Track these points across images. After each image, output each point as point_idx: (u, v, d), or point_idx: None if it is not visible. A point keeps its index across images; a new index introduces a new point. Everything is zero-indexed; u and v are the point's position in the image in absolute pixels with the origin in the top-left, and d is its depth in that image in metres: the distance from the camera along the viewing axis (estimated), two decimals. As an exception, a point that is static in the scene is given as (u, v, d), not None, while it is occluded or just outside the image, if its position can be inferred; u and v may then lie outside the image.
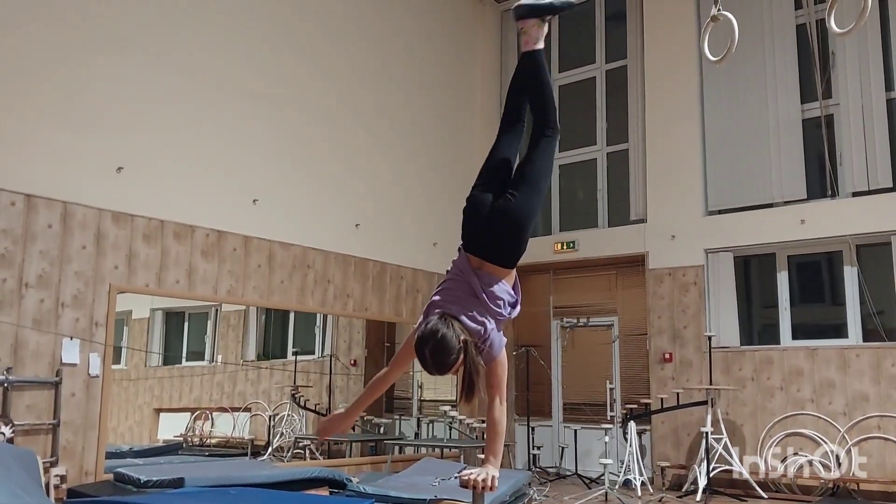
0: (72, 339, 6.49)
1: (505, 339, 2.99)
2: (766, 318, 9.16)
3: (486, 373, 2.85)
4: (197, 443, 8.55)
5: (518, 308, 3.01)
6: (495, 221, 2.91)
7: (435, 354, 2.69)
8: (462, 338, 2.71)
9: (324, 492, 6.54)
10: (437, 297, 2.94)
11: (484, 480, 2.78)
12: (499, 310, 2.91)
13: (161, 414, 8.53)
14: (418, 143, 10.02)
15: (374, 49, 9.56)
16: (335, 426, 3.24)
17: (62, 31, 6.64)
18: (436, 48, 10.56)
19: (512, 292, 2.97)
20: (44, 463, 6.04)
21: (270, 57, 8.35)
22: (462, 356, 2.71)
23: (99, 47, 6.86)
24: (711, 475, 7.95)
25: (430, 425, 9.89)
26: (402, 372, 3.14)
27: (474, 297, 2.87)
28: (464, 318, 2.79)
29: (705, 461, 7.95)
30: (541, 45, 2.89)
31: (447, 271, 3.03)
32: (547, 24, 2.99)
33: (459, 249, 3.02)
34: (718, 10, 3.77)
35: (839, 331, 8.48)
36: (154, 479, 5.83)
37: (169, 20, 7.46)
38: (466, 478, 2.82)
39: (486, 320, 2.85)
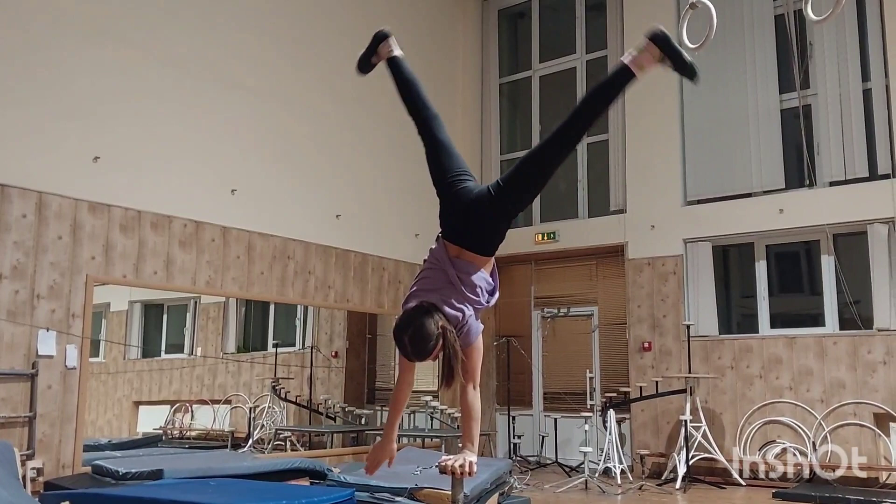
0: (48, 330, 6.42)
1: (482, 326, 2.99)
2: (744, 308, 9.24)
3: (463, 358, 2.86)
4: (177, 435, 8.50)
5: (496, 295, 3.01)
6: (476, 211, 2.88)
7: (414, 341, 2.70)
8: (440, 324, 2.72)
9: (304, 482, 6.52)
10: (415, 287, 2.94)
11: (462, 466, 2.80)
12: (476, 297, 2.91)
13: (140, 407, 8.46)
14: (399, 134, 9.94)
15: (354, 40, 9.43)
16: (381, 456, 3.20)
17: (38, 20, 6.53)
18: (417, 41, 10.49)
19: (490, 280, 2.97)
20: (20, 456, 5.98)
21: (249, 47, 8.27)
22: (440, 342, 2.72)
23: (76, 36, 6.77)
24: (691, 463, 8.02)
25: (412, 415, 9.89)
26: (413, 374, 3.10)
27: (451, 286, 2.86)
28: (442, 306, 2.79)
29: (684, 449, 8.01)
30: (636, 71, 2.76)
31: (424, 260, 3.02)
32: (658, 64, 2.81)
33: (437, 238, 3.00)
34: (697, -3, 3.76)
35: (817, 320, 8.57)
36: (133, 471, 5.78)
37: (147, 9, 7.36)
38: (445, 464, 2.83)
39: (464, 307, 2.86)
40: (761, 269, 8.92)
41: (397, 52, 3.37)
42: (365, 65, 3.57)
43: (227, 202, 7.92)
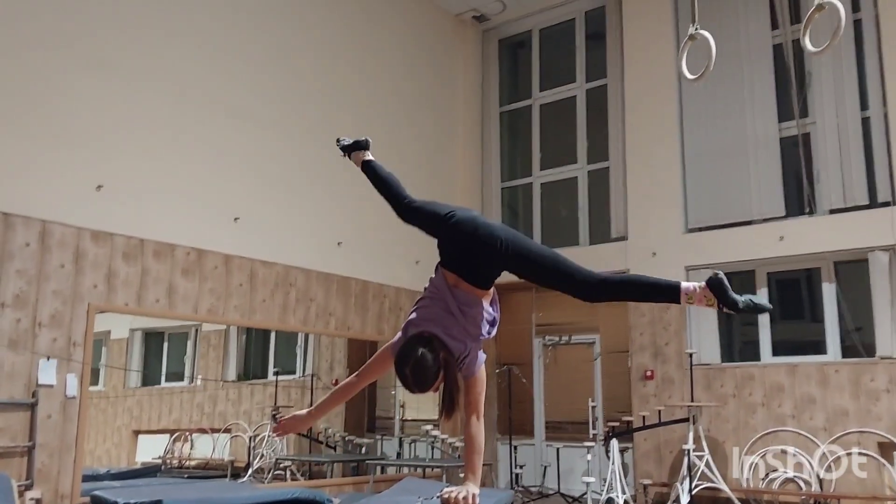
0: (49, 359, 6.40)
1: (485, 356, 2.99)
2: (746, 335, 9.21)
3: (465, 389, 2.85)
4: (176, 465, 8.44)
5: (496, 326, 3.01)
6: (480, 246, 2.87)
7: (415, 373, 2.68)
8: (442, 356, 2.70)
9: (305, 513, 6.48)
10: (414, 316, 2.93)
11: (465, 499, 2.77)
12: (477, 328, 2.90)
13: (140, 436, 8.43)
14: (399, 162, 9.93)
15: (355, 68, 9.58)
16: (294, 425, 3.27)
17: (41, 50, 6.60)
18: (417, 68, 10.60)
19: (491, 310, 2.97)
20: (18, 486, 5.94)
21: (252, 76, 8.34)
22: (442, 374, 2.71)
23: (78, 66, 6.83)
24: (694, 492, 7.94)
25: (413, 445, 9.84)
26: (370, 382, 3.15)
27: (451, 316, 2.86)
28: (443, 337, 2.78)
29: (687, 479, 7.95)
30: (683, 300, 2.76)
31: (424, 289, 3.02)
32: (708, 307, 2.77)
33: (437, 268, 3.00)
34: (696, 29, 3.82)
35: (818, 347, 8.54)
36: (132, 501, 5.75)
37: (150, 40, 7.44)
38: (447, 496, 2.80)
39: (465, 339, 2.86)
40: (762, 296, 8.89)
41: (370, 157, 3.53)
42: (347, 150, 3.74)
43: (230, 230, 7.94)
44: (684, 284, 2.76)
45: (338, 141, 3.70)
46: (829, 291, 8.49)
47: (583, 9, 10.84)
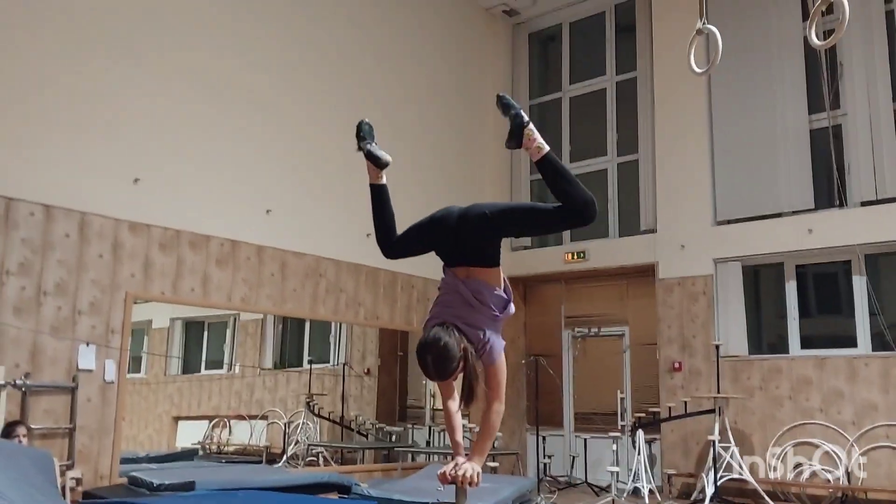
0: (88, 345, 6.68)
1: (503, 343, 3.07)
2: (774, 328, 9.17)
3: (486, 377, 2.95)
4: (214, 450, 8.66)
5: (512, 306, 3.09)
6: (469, 225, 2.99)
7: (437, 362, 2.79)
8: (462, 345, 2.81)
9: (333, 496, 6.66)
10: (434, 311, 3.05)
11: (468, 476, 2.88)
12: (493, 311, 3.00)
13: (180, 422, 8.67)
14: (429, 155, 10.17)
15: (386, 61, 9.73)
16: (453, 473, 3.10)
17: (80, 45, 6.85)
18: (448, 62, 10.71)
19: (503, 294, 3.06)
20: (60, 466, 6.21)
21: (284, 71, 8.54)
22: (461, 363, 2.82)
23: (117, 60, 7.08)
24: (719, 484, 7.97)
25: (442, 434, 9.97)
26: (451, 398, 3.16)
27: (468, 306, 2.97)
28: (463, 326, 2.90)
29: (713, 470, 7.97)
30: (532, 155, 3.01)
31: (438, 288, 3.14)
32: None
33: (444, 269, 3.12)
34: (703, 24, 3.89)
35: (848, 340, 8.48)
36: (166, 482, 6.00)
37: (186, 37, 7.67)
38: (454, 473, 2.89)
39: (484, 326, 2.96)
40: (791, 289, 8.87)
41: (384, 180, 3.49)
42: (362, 140, 3.63)
43: (262, 222, 8.16)
44: (533, 158, 2.99)
45: (360, 130, 3.69)
46: (859, 284, 8.42)
47: (612, 2, 10.84)
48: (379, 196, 3.40)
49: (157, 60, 7.40)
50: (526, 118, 2.98)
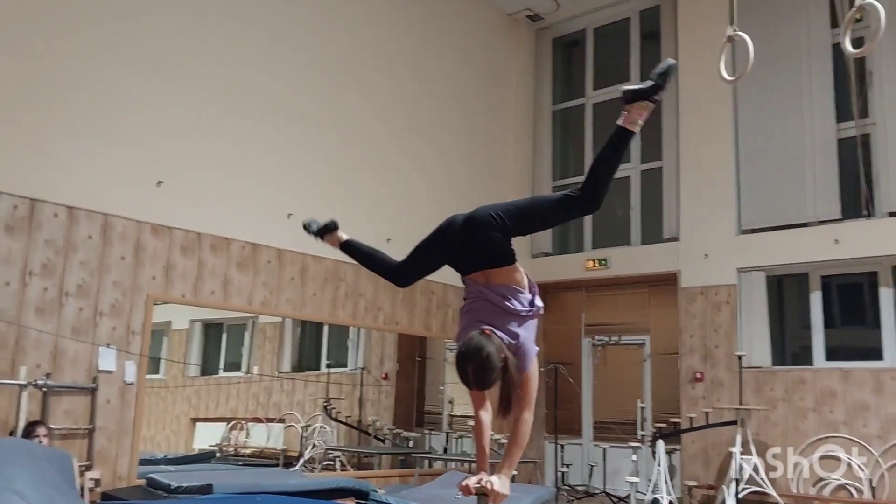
0: (108, 346, 6.70)
1: (536, 349, 3.02)
2: (799, 339, 9.05)
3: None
4: (231, 453, 8.67)
5: (539, 300, 3.03)
6: (477, 229, 2.95)
7: (478, 372, 2.73)
8: (503, 354, 2.75)
9: (349, 502, 6.64)
10: (464, 321, 2.98)
11: (497, 491, 2.79)
12: (522, 312, 2.94)
13: (197, 423, 8.69)
14: (451, 160, 10.14)
15: (408, 67, 9.72)
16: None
17: (105, 50, 6.89)
18: (470, 66, 10.68)
19: (528, 293, 3.00)
20: (79, 466, 6.24)
21: (306, 76, 8.54)
22: (500, 374, 2.76)
23: (141, 65, 7.10)
24: (740, 496, 7.86)
25: (460, 440, 9.93)
26: (483, 408, 3.09)
27: (497, 310, 2.91)
28: (499, 332, 2.84)
29: (735, 482, 7.86)
30: (631, 127, 2.90)
31: (464, 298, 3.08)
32: (644, 112, 2.93)
33: (462, 280, 3.08)
34: (734, 30, 3.81)
35: (874, 353, 8.34)
36: (184, 485, 6.00)
37: (209, 42, 7.69)
38: (478, 484, 2.82)
39: (517, 330, 2.90)
40: (816, 299, 8.74)
41: (346, 236, 3.50)
42: (312, 232, 3.64)
43: (283, 225, 8.13)
44: (620, 121, 2.88)
45: (306, 228, 3.64)
46: (886, 296, 8.28)
47: (637, 8, 10.77)
48: (352, 250, 3.44)
49: (182, 67, 7.42)
50: (657, 96, 2.88)
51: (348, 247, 3.46)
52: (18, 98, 6.35)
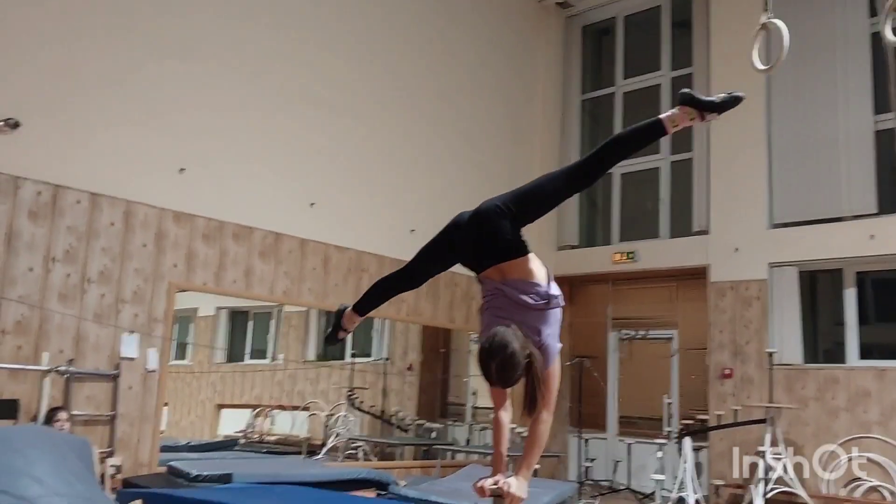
0: (131, 333, 6.71)
1: (560, 346, 2.91)
2: (831, 336, 8.83)
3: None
4: (256, 439, 8.69)
5: (554, 286, 2.90)
6: (487, 222, 2.84)
7: (501, 368, 2.61)
8: (528, 351, 2.64)
9: (371, 493, 6.60)
10: (486, 319, 2.87)
11: (515, 494, 2.69)
12: (542, 306, 2.83)
13: (222, 410, 8.72)
14: (477, 149, 10.03)
15: (435, 55, 9.62)
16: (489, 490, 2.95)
17: (129, 38, 6.88)
18: (499, 54, 10.55)
19: (545, 285, 2.87)
20: (101, 453, 6.26)
21: (329, 66, 8.47)
22: (526, 371, 2.65)
23: (165, 53, 7.09)
24: (769, 496, 7.70)
25: (483, 432, 9.86)
26: (503, 406, 2.94)
27: (518, 306, 2.81)
28: (524, 329, 2.72)
29: (763, 482, 7.70)
30: (669, 127, 2.85)
31: (482, 297, 2.97)
32: (692, 122, 2.89)
33: (477, 280, 2.98)
34: (769, 17, 3.66)
35: (910, 352, 8.12)
36: (204, 473, 6.01)
37: (234, 28, 7.66)
38: (494, 485, 2.73)
39: (538, 325, 2.80)
40: (850, 296, 8.51)
41: (350, 307, 3.46)
42: (333, 339, 3.53)
43: (306, 215, 8.11)
44: (663, 115, 2.79)
45: (328, 339, 3.56)
46: (923, 294, 8.05)
47: (669, -5, 10.55)
48: (367, 304, 3.42)
49: (206, 55, 7.40)
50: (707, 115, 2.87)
51: (362, 307, 3.41)
52: (42, 86, 6.35)
